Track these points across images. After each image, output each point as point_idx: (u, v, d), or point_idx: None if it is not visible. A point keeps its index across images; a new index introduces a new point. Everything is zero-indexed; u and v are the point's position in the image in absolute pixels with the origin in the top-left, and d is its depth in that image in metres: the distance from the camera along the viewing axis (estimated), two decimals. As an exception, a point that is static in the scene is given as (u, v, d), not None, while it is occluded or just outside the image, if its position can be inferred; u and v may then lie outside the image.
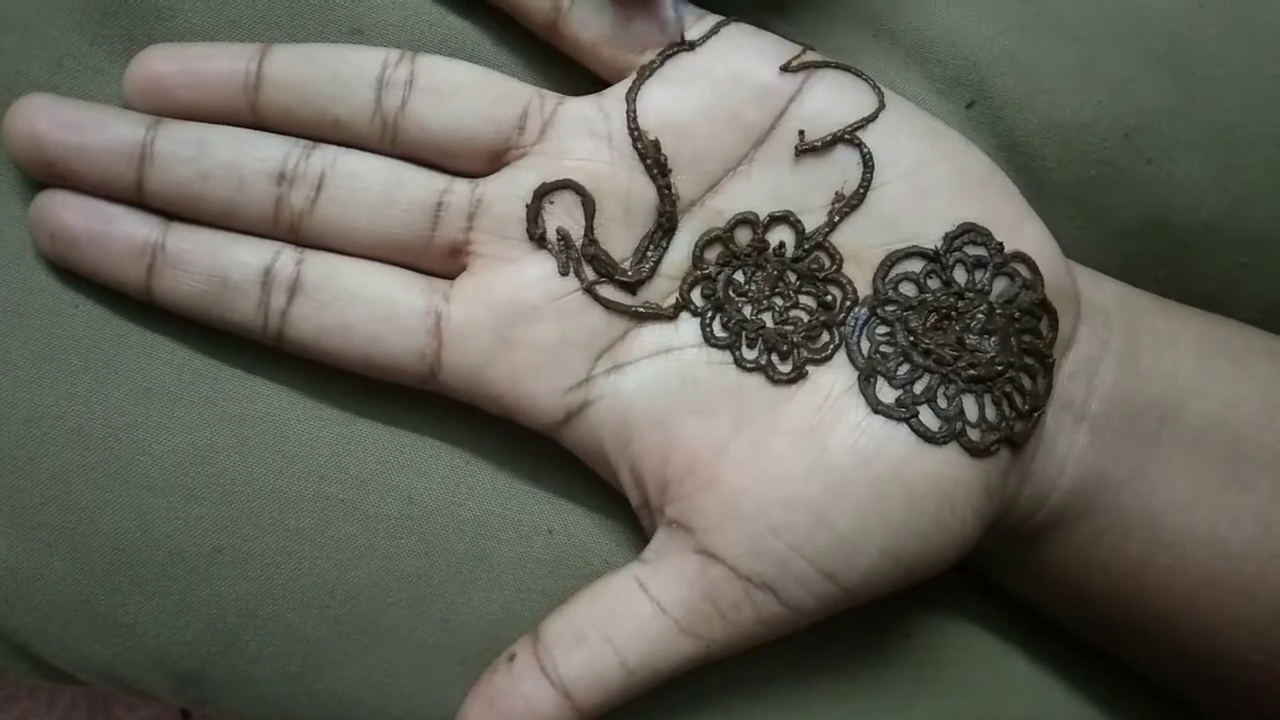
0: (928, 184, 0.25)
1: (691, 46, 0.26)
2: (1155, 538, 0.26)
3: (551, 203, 0.26)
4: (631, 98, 0.25)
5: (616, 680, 0.25)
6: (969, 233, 0.25)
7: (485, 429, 0.27)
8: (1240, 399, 0.27)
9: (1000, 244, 0.25)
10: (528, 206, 0.26)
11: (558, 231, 0.26)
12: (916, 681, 0.29)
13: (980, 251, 0.25)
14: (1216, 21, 0.27)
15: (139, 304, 0.27)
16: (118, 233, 0.26)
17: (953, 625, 0.30)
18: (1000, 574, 0.30)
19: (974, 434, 0.24)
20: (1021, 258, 0.25)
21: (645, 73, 0.26)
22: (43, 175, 0.26)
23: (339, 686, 0.27)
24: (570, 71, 0.27)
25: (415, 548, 0.27)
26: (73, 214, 0.26)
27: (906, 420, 0.24)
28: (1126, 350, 0.27)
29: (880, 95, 0.26)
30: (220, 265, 0.26)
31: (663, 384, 0.25)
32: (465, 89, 0.26)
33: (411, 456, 0.28)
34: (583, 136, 0.26)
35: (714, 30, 0.26)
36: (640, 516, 0.27)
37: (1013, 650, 0.30)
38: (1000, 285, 0.25)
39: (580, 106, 0.26)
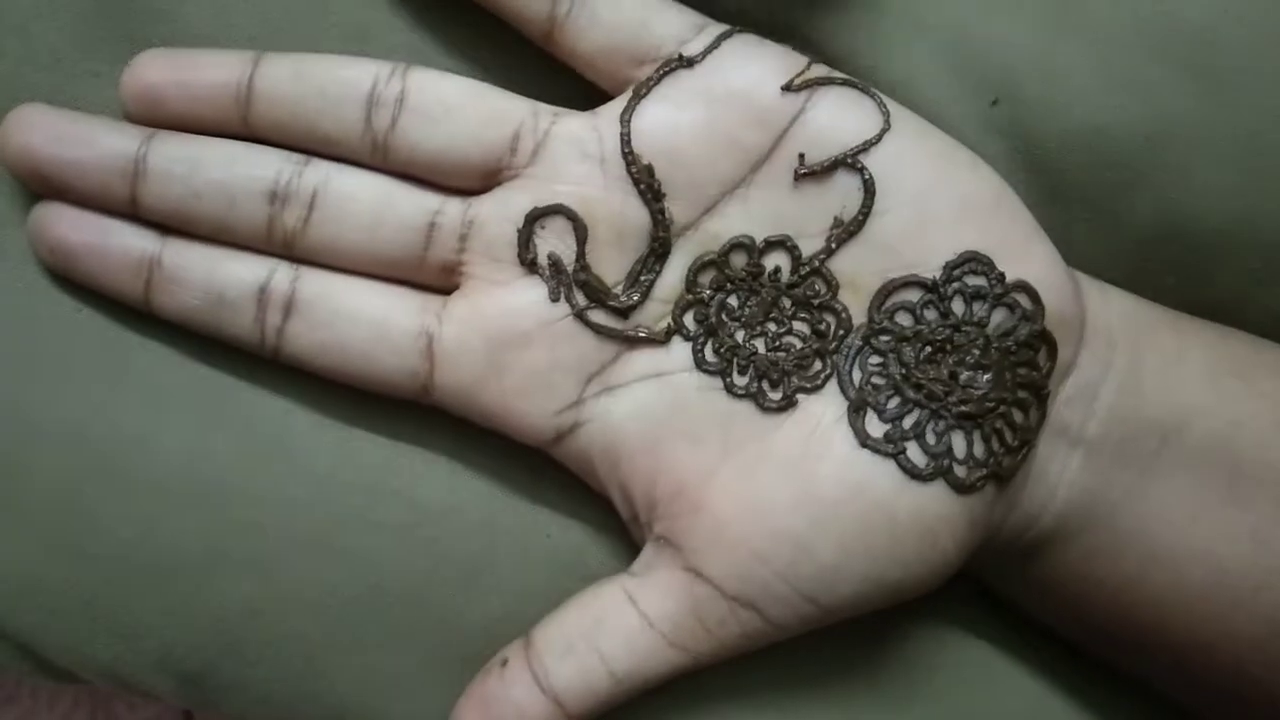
0: (931, 210, 0.25)
1: (690, 64, 0.25)
2: (1151, 556, 0.26)
3: (543, 228, 0.25)
4: (626, 119, 0.25)
5: (605, 689, 0.25)
6: (970, 262, 0.25)
7: (485, 435, 0.27)
8: (1246, 416, 0.26)
9: (1001, 274, 0.25)
10: (519, 231, 0.25)
11: (549, 257, 0.25)
12: (912, 685, 0.29)
13: (980, 282, 0.25)
14: (1245, 27, 0.26)
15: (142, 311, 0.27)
16: (115, 247, 0.26)
17: (949, 629, 0.30)
18: (996, 582, 0.30)
19: (960, 471, 0.24)
20: (1023, 287, 0.25)
21: (641, 91, 0.25)
22: (39, 188, 0.26)
23: (341, 688, 0.28)
24: (575, 73, 0.27)
25: (416, 551, 0.28)
26: (69, 228, 0.26)
27: (894, 456, 0.24)
28: (1130, 371, 0.26)
29: (886, 115, 0.25)
30: (216, 282, 0.26)
31: (652, 408, 0.25)
32: (456, 109, 0.25)
33: (413, 462, 0.28)
34: (575, 159, 0.25)
35: (714, 45, 0.25)
36: (630, 529, 0.27)
37: (1010, 655, 0.30)
38: (999, 317, 0.25)
39: (574, 126, 0.25)
